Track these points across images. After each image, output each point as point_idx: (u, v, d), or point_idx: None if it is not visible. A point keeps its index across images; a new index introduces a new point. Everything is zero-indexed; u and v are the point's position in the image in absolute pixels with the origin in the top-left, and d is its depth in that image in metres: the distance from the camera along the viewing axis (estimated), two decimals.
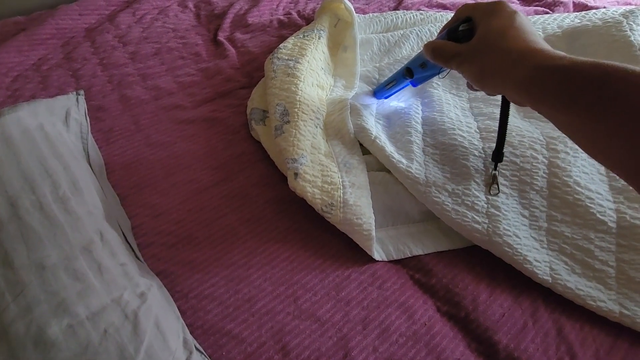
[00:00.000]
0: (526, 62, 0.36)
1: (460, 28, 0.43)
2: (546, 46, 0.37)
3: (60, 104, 0.58)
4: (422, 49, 0.48)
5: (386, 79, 0.61)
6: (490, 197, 0.50)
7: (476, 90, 0.48)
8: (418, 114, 0.59)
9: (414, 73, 0.54)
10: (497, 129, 0.51)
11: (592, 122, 0.32)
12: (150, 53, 0.73)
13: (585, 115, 0.32)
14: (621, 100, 0.30)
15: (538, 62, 0.35)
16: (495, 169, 0.51)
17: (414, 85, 0.57)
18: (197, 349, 0.40)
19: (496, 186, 0.51)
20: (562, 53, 0.36)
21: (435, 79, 0.64)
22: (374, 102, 0.62)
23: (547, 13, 0.85)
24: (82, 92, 0.64)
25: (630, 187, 0.50)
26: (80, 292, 0.37)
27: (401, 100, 0.63)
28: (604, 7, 0.83)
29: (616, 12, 0.73)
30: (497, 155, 0.51)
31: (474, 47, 0.41)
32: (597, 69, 0.32)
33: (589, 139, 0.33)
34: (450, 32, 0.44)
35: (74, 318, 0.35)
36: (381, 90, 0.61)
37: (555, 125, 0.36)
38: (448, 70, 0.50)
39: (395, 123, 0.59)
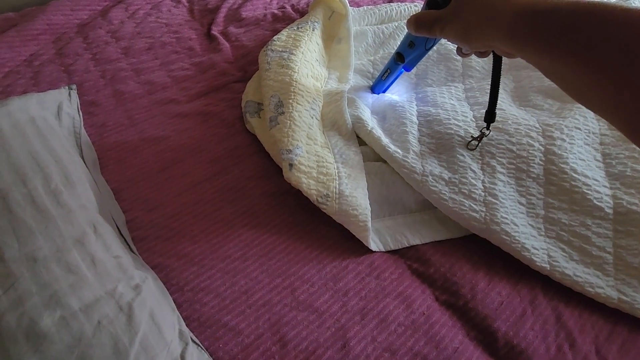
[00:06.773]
0: (508, 8, 0.35)
1: None
2: None
3: (52, 98, 0.57)
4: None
5: (380, 71, 0.60)
6: (487, 184, 0.50)
7: (466, 54, 0.47)
8: (413, 107, 0.59)
9: (404, 56, 0.53)
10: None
11: (574, 64, 0.30)
12: (144, 48, 0.73)
13: (568, 59, 0.31)
14: (601, 40, 0.29)
15: (519, 7, 0.34)
16: (487, 128, 0.51)
17: (407, 69, 0.57)
18: (194, 341, 0.39)
19: (476, 143, 0.49)
20: None
21: (430, 76, 0.64)
22: (373, 98, 0.62)
23: None
24: (74, 86, 0.63)
25: (628, 172, 0.51)
26: (73, 284, 0.36)
27: (394, 94, 0.63)
28: None
29: None
30: (490, 116, 0.50)
31: (454, 7, 0.41)
32: (576, 10, 0.30)
33: (573, 83, 0.32)
34: (430, 1, 0.44)
35: (66, 310, 0.35)
36: (378, 83, 0.61)
37: (542, 72, 0.35)
38: (436, 40, 0.50)
39: (390, 116, 0.59)
